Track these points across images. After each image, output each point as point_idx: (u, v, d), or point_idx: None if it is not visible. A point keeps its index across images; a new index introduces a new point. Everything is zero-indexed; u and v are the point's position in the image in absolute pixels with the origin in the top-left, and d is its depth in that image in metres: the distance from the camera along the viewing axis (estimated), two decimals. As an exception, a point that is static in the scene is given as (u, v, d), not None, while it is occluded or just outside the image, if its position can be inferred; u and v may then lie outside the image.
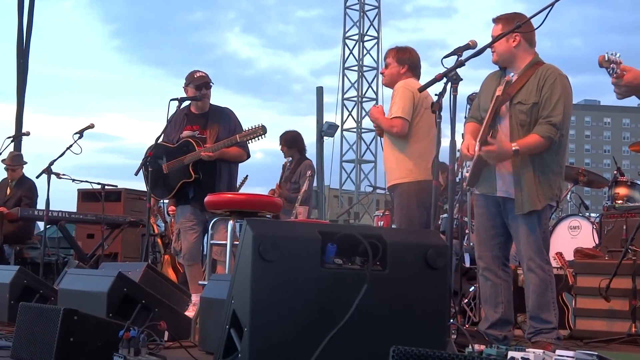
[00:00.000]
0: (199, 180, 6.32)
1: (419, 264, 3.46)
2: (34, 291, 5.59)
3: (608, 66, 4.00)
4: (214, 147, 6.20)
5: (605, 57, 3.98)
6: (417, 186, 5.68)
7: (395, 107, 5.73)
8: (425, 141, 5.74)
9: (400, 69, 5.93)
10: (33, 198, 9.13)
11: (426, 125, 5.74)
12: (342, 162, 38.18)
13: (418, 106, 5.72)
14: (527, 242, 4.82)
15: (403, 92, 5.73)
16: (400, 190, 5.76)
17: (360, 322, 3.25)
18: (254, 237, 3.15)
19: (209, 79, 6.53)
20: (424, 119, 5.74)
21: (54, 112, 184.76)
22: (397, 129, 5.70)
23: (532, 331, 4.86)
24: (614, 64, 3.96)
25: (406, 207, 5.73)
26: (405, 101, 5.70)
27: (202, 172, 6.31)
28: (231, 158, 6.42)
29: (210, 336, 4.22)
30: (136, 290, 4.68)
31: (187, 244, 6.45)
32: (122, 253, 10.07)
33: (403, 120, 5.67)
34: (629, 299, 5.65)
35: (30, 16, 12.30)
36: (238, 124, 6.51)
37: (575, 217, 7.92)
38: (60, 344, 3.53)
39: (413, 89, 5.70)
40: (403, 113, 5.67)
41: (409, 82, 5.83)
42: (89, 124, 7.72)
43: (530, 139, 4.74)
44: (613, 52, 3.96)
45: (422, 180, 5.67)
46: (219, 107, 6.64)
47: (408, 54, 5.99)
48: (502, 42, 4.88)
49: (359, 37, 37.42)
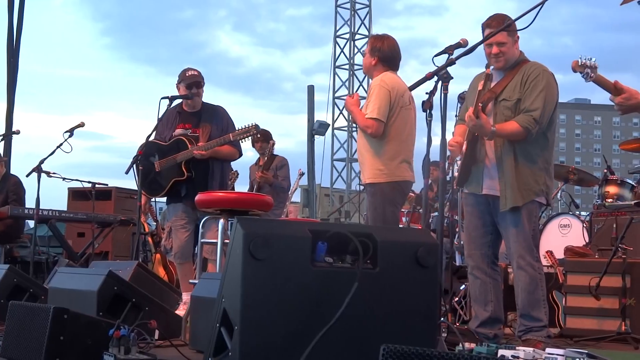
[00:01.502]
0: (191, 179, 6.32)
1: (410, 262, 3.46)
2: (24, 290, 5.57)
3: (582, 70, 4.09)
4: (207, 146, 6.19)
5: (579, 62, 4.09)
6: (388, 187, 5.66)
7: (371, 106, 5.62)
8: (398, 140, 5.68)
9: (372, 60, 5.80)
10: (20, 194, 9.03)
11: (401, 124, 5.69)
12: (333, 160, 38.24)
13: (395, 105, 5.63)
14: (517, 240, 4.84)
15: (379, 91, 5.62)
16: (372, 190, 5.72)
17: (351, 321, 3.25)
18: (244, 235, 3.15)
19: (201, 77, 6.51)
20: (400, 118, 5.67)
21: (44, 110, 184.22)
22: (371, 130, 5.61)
23: (523, 329, 4.88)
24: (588, 69, 4.05)
25: (380, 207, 5.70)
26: (382, 102, 5.59)
27: (194, 170, 6.31)
28: (223, 157, 6.42)
29: (200, 335, 4.21)
30: (126, 289, 4.67)
31: (178, 243, 6.45)
32: (113, 252, 10.05)
33: (378, 122, 5.57)
34: (618, 297, 5.66)
35: (21, 14, 12.24)
36: (230, 123, 6.50)
37: (565, 215, 7.94)
38: (51, 342, 3.53)
39: (390, 87, 5.63)
40: (378, 114, 5.57)
41: (386, 78, 5.70)
42: (80, 123, 7.70)
43: (508, 124, 4.84)
44: (588, 56, 4.04)
45: (392, 182, 5.66)
46: (211, 105, 6.62)
47: (380, 44, 5.78)
48: (510, 46, 4.92)
49: (350, 36, 37.45)
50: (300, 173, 10.82)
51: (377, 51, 5.76)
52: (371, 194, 5.74)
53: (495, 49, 4.90)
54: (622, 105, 4.11)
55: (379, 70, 5.77)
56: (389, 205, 5.66)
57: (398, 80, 5.75)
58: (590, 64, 4.10)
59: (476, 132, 4.86)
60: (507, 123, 4.82)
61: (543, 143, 4.93)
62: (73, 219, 9.29)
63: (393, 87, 5.63)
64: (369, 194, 5.77)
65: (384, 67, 5.77)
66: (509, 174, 4.83)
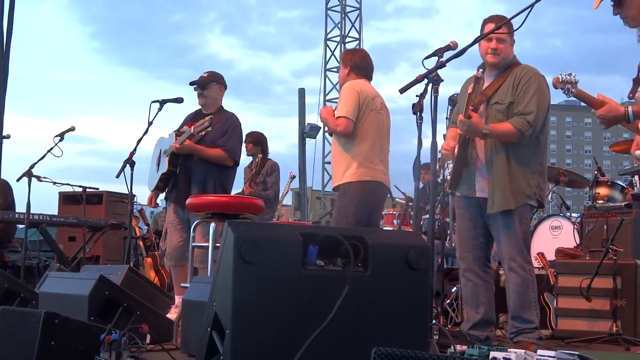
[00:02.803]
0: (174, 173, 6.33)
1: (401, 264, 3.46)
2: (15, 295, 5.55)
3: (563, 87, 4.16)
4: (180, 140, 6.22)
5: (560, 79, 4.16)
6: (360, 187, 5.73)
7: (340, 107, 5.81)
8: (369, 141, 5.80)
9: (345, 70, 6.02)
10: (6, 197, 8.98)
11: (372, 127, 5.82)
12: (324, 163, 38.20)
13: (363, 107, 5.78)
14: (508, 242, 4.85)
15: (348, 93, 5.82)
16: (342, 190, 5.79)
17: (342, 324, 3.24)
18: (235, 239, 3.15)
19: (205, 80, 6.56)
20: (369, 120, 5.81)
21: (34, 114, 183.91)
22: (340, 128, 5.76)
23: (514, 331, 4.88)
24: (569, 84, 4.11)
25: (345, 207, 5.76)
26: (349, 101, 5.77)
27: (180, 166, 6.32)
28: (209, 158, 6.32)
29: (192, 339, 4.21)
30: (118, 293, 4.66)
31: (170, 245, 6.46)
32: (104, 256, 10.02)
33: (347, 119, 5.73)
34: (609, 299, 5.68)
35: (10, 19, 12.21)
36: (231, 129, 6.46)
37: (556, 217, 7.97)
38: (41, 348, 3.51)
39: (359, 89, 5.82)
40: (347, 113, 5.74)
41: (355, 82, 5.91)
42: (70, 127, 7.68)
43: (501, 125, 4.84)
44: (568, 72, 4.09)
45: (364, 181, 5.74)
46: (225, 111, 6.62)
47: (351, 56, 6.13)
48: (508, 45, 4.95)
49: (341, 39, 37.43)
50: (291, 176, 10.82)
51: (349, 61, 6.03)
52: (340, 194, 5.85)
53: (494, 43, 4.91)
54: (604, 118, 4.12)
55: (352, 78, 5.97)
56: (355, 206, 5.73)
57: (368, 85, 5.98)
58: (570, 79, 4.14)
59: (468, 133, 4.87)
60: (501, 124, 4.82)
61: (536, 146, 4.94)
62: (64, 223, 9.26)
63: (362, 90, 5.83)
64: (338, 195, 5.88)
65: (357, 76, 5.98)
66: (499, 177, 4.84)
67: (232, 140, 6.38)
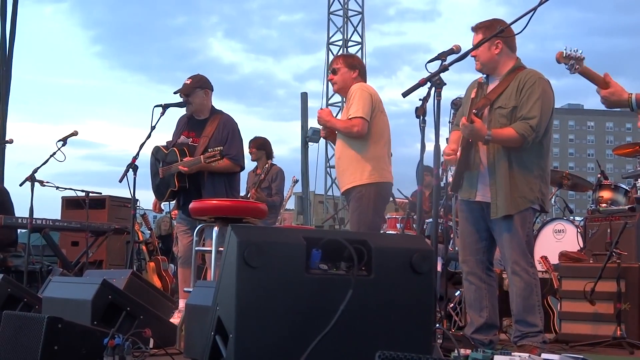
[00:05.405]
0: (185, 189, 6.32)
1: (404, 268, 3.45)
2: (18, 299, 5.55)
3: (567, 62, 4.02)
4: (189, 163, 6.18)
5: (564, 53, 4.02)
6: (377, 189, 5.73)
7: (355, 107, 5.75)
8: (381, 142, 5.82)
9: (352, 74, 5.97)
10: (5, 204, 8.96)
11: (381, 127, 5.84)
12: (327, 167, 38.19)
13: (375, 108, 5.78)
14: (511, 246, 4.84)
15: (361, 94, 5.78)
16: (359, 193, 5.74)
17: (346, 328, 3.24)
18: (238, 243, 3.14)
19: (192, 86, 6.44)
20: (380, 120, 5.83)
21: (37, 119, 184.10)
22: (357, 128, 5.70)
23: (518, 335, 4.87)
24: (573, 60, 3.98)
25: (365, 211, 5.72)
26: (365, 102, 5.74)
27: (188, 182, 6.31)
28: (217, 170, 6.32)
29: (195, 343, 4.20)
30: (121, 298, 4.66)
31: (182, 247, 6.55)
32: (107, 260, 10.03)
33: (363, 120, 5.70)
34: (613, 302, 5.66)
35: (13, 24, 12.24)
36: (232, 134, 6.43)
37: (559, 220, 7.95)
38: (45, 352, 3.52)
39: (371, 90, 5.83)
40: (363, 113, 5.70)
41: (365, 84, 5.92)
42: (73, 131, 7.68)
43: (504, 130, 4.81)
44: (574, 48, 3.98)
45: (381, 183, 5.74)
46: (219, 113, 6.55)
47: (357, 61, 6.14)
48: (484, 50, 4.92)
49: (343, 43, 37.45)
50: (294, 180, 10.82)
51: (357, 65, 6.03)
52: (356, 197, 5.76)
53: (473, 52, 4.90)
54: (607, 99, 4.10)
55: (359, 81, 5.96)
56: (373, 209, 5.73)
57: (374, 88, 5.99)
58: (576, 56, 4.07)
59: (471, 137, 4.86)
60: (504, 129, 4.80)
61: (538, 150, 4.92)
62: (67, 227, 9.27)
63: (373, 92, 5.85)
64: (354, 198, 5.77)
65: (362, 80, 5.99)
66: (502, 182, 4.83)
67: (234, 146, 6.36)
